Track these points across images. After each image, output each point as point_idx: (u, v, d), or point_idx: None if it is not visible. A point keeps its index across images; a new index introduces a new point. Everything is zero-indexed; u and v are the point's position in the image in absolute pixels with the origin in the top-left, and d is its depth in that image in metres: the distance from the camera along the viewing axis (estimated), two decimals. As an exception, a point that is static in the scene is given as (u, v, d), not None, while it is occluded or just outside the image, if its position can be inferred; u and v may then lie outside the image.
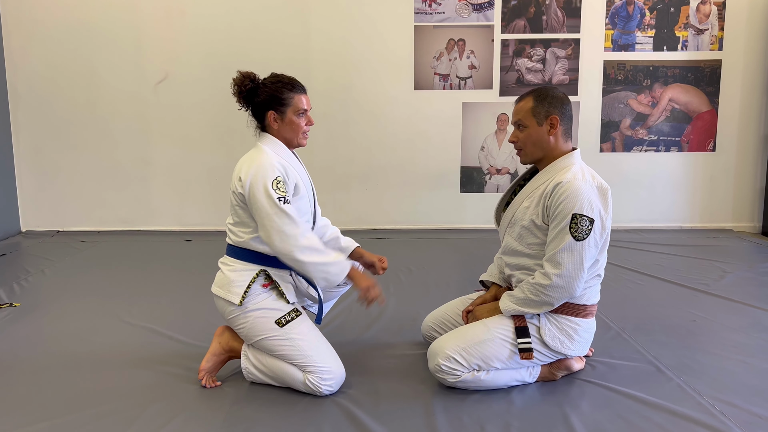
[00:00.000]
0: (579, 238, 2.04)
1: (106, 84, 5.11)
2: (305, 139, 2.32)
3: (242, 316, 2.20)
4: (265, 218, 2.13)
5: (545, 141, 2.17)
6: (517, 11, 5.08)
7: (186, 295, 3.44)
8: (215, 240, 4.89)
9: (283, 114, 2.25)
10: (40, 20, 5.01)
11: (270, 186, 2.13)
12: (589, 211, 2.05)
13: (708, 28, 5.12)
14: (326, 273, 2.16)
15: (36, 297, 3.41)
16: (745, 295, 3.36)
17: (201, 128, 5.19)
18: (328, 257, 2.17)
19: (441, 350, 2.16)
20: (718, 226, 5.34)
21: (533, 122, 2.17)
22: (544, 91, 2.19)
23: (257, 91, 2.27)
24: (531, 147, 2.20)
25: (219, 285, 2.27)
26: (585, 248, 2.06)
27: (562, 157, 2.18)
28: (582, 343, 2.23)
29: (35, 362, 2.51)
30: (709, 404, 2.10)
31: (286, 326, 2.18)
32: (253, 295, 2.21)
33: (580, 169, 2.14)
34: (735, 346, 2.64)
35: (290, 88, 2.27)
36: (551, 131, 2.16)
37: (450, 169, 5.25)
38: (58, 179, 5.23)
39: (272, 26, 5.05)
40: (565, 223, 2.05)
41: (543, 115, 2.16)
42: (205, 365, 2.29)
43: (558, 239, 2.07)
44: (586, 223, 2.04)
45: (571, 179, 2.08)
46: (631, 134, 5.24)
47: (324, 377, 2.15)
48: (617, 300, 3.29)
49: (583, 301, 2.19)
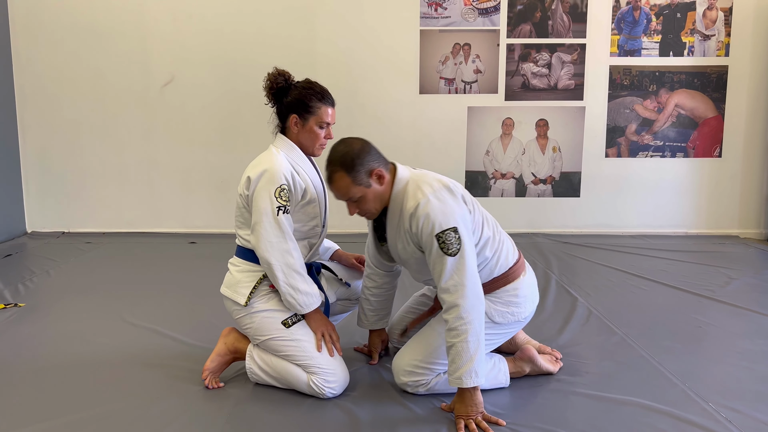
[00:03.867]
0: (453, 252, 1.96)
1: (112, 86, 5.13)
2: (321, 151, 2.31)
3: (248, 317, 2.21)
4: (259, 223, 2.15)
5: (383, 192, 2.08)
6: (522, 16, 5.08)
7: (190, 296, 3.44)
8: (220, 242, 4.89)
9: (305, 121, 2.26)
10: (48, 22, 5.04)
11: (273, 193, 2.14)
12: (446, 223, 1.97)
13: (714, 34, 5.10)
14: (294, 298, 2.15)
15: (40, 298, 3.42)
16: (750, 302, 3.34)
17: (206, 131, 5.21)
18: (302, 285, 2.16)
19: (400, 369, 2.17)
20: (724, 233, 5.32)
21: (362, 189, 2.04)
22: (347, 157, 2.02)
23: (287, 92, 2.28)
24: (374, 206, 2.10)
25: (227, 285, 2.29)
26: (464, 256, 1.97)
27: (395, 186, 2.09)
28: (528, 300, 2.24)
29: (39, 362, 2.51)
30: (714, 410, 2.09)
31: (292, 327, 2.19)
32: (259, 296, 2.22)
33: (415, 186, 2.06)
34: (740, 353, 2.62)
35: (319, 98, 2.25)
36: (381, 181, 2.07)
37: (455, 173, 5.25)
38: (64, 181, 5.25)
39: (278, 29, 5.07)
40: (435, 247, 1.97)
41: (365, 177, 2.04)
42: (209, 365, 2.28)
43: (438, 265, 1.98)
44: (451, 236, 1.96)
45: (414, 204, 2.01)
46: (636, 140, 5.23)
47: (328, 379, 2.15)
48: (622, 305, 3.28)
49: (505, 268, 2.20)
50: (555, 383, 2.30)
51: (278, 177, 2.16)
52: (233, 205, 5.31)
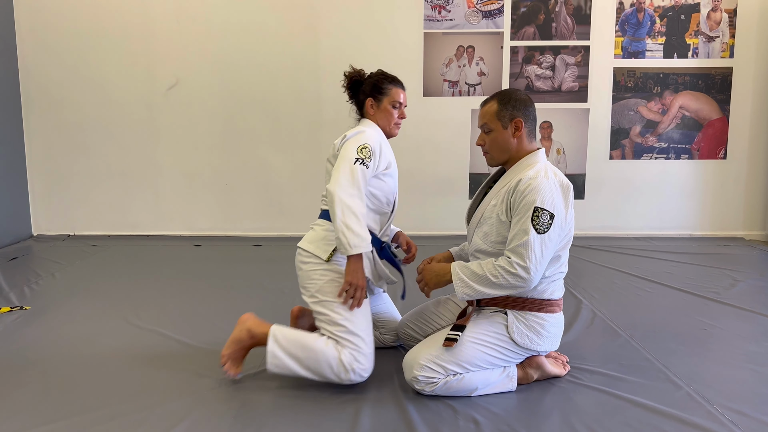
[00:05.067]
0: (540, 231, 2.07)
1: (117, 89, 5.16)
2: (397, 129, 2.53)
3: (321, 272, 2.30)
4: (337, 167, 2.27)
5: (510, 144, 2.23)
6: (526, 18, 5.08)
7: (194, 299, 3.45)
8: (224, 245, 4.91)
9: (380, 102, 2.47)
10: (53, 26, 5.07)
11: (357, 147, 2.29)
12: (550, 206, 2.08)
13: (719, 36, 5.10)
14: (344, 236, 2.20)
15: (46, 300, 3.43)
16: (756, 304, 3.33)
17: (211, 134, 5.22)
18: (356, 226, 2.21)
19: (415, 361, 2.17)
20: (729, 234, 5.30)
21: (498, 125, 2.22)
22: (508, 94, 2.24)
23: (362, 84, 2.51)
24: (497, 150, 2.26)
25: (309, 240, 2.39)
26: (546, 242, 2.08)
27: (527, 156, 2.23)
28: (550, 339, 2.25)
29: (44, 364, 2.52)
30: (719, 413, 2.08)
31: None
32: (338, 257, 2.32)
33: (543, 167, 2.18)
34: (745, 355, 2.61)
35: (390, 80, 2.49)
36: (516, 134, 2.22)
37: (459, 175, 5.25)
38: (70, 184, 5.28)
39: (282, 33, 5.08)
40: (527, 216, 2.08)
41: (507, 119, 2.22)
42: (226, 351, 2.29)
43: (521, 232, 2.08)
44: (546, 218, 2.07)
45: (534, 176, 2.13)
46: (641, 141, 5.23)
47: (358, 359, 2.19)
48: (627, 307, 3.27)
49: (547, 296, 2.22)
50: (560, 385, 2.30)
51: (367, 138, 2.34)
52: (237, 207, 5.38)
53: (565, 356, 2.48)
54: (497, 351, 2.19)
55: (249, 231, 5.31)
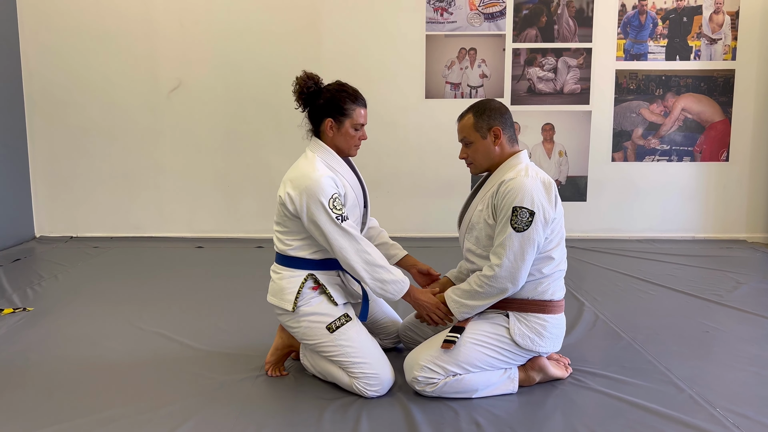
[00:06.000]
0: (519, 229, 2.09)
1: (120, 91, 5.17)
2: (356, 151, 2.34)
3: (295, 321, 2.27)
4: (328, 236, 2.16)
5: (492, 151, 2.27)
6: (528, 20, 5.09)
7: (197, 301, 3.46)
8: (226, 247, 4.91)
9: (340, 124, 2.26)
10: (56, 29, 5.08)
11: (328, 205, 2.15)
12: (529, 204, 2.10)
13: (721, 38, 5.09)
14: (384, 290, 2.21)
15: (49, 302, 3.44)
16: (758, 306, 3.32)
17: (213, 136, 5.23)
18: (388, 275, 2.21)
19: (415, 362, 2.19)
20: (732, 237, 5.29)
21: (477, 137, 2.26)
22: (482, 105, 2.28)
23: (319, 95, 2.28)
24: (480, 159, 2.30)
25: (272, 294, 2.34)
26: (527, 239, 2.10)
27: (509, 159, 2.26)
28: (552, 340, 2.25)
29: (47, 366, 2.53)
30: (721, 416, 2.08)
31: (336, 332, 2.23)
32: (305, 299, 2.26)
33: (524, 167, 2.21)
34: (748, 358, 2.61)
35: (353, 100, 2.27)
36: (496, 141, 2.25)
37: (461, 177, 5.25)
38: (72, 185, 5.29)
39: (285, 35, 5.09)
40: (507, 215, 2.11)
41: (485, 128, 2.25)
42: (270, 358, 2.43)
43: (501, 233, 2.13)
44: (525, 215, 2.09)
45: (514, 176, 2.16)
46: (643, 144, 5.22)
47: (370, 383, 2.20)
48: (629, 310, 3.27)
49: (548, 297, 2.22)
50: (562, 388, 2.30)
51: (328, 187, 2.17)
52: (240, 209, 5.38)
53: (567, 358, 2.49)
54: (497, 352, 2.20)
55: (251, 233, 5.31)
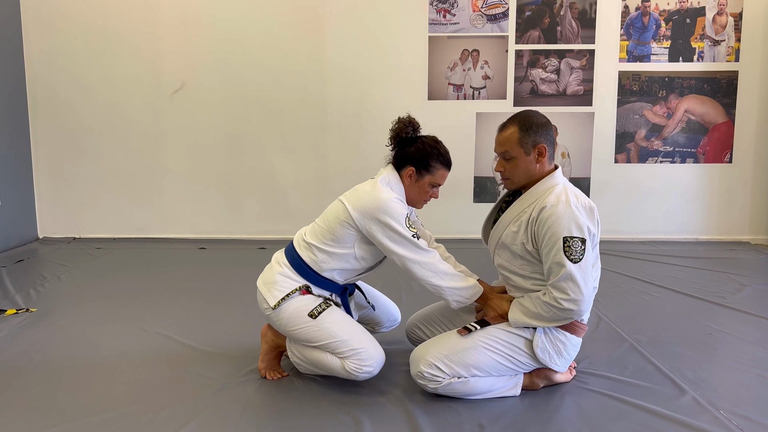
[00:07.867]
0: (575, 260, 2.03)
1: (123, 93, 5.18)
2: (423, 206, 2.38)
3: (276, 314, 2.26)
4: (404, 252, 2.18)
5: (533, 169, 2.16)
6: (531, 22, 5.09)
7: (199, 302, 3.46)
8: (229, 248, 4.92)
9: (421, 177, 2.29)
10: (60, 30, 5.10)
11: (404, 224, 2.18)
12: (578, 232, 2.04)
13: (724, 39, 5.09)
14: (460, 297, 2.23)
15: (52, 302, 3.44)
16: (762, 309, 3.31)
17: (216, 137, 5.24)
18: (462, 282, 2.24)
19: (423, 357, 2.17)
20: (735, 239, 5.28)
21: (521, 152, 2.14)
22: (528, 118, 2.15)
23: (412, 142, 2.31)
24: (519, 176, 2.18)
25: (263, 281, 2.33)
26: (584, 268, 2.05)
27: (545, 179, 2.16)
28: (567, 361, 2.24)
29: (50, 366, 2.53)
30: (725, 418, 2.07)
31: (318, 317, 2.22)
32: (290, 301, 2.25)
33: (563, 190, 2.11)
34: (752, 360, 2.60)
35: (442, 161, 2.30)
36: (540, 159, 2.14)
37: (463, 178, 5.25)
38: (75, 186, 5.30)
39: (288, 36, 5.10)
40: (558, 247, 2.03)
41: (530, 145, 2.13)
42: (261, 365, 2.42)
43: (556, 266, 2.05)
44: (578, 245, 2.04)
45: (555, 202, 2.07)
46: (646, 145, 5.22)
47: (362, 359, 2.19)
48: (632, 312, 3.26)
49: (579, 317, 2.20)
50: (565, 390, 2.30)
51: (401, 208, 2.21)
52: (242, 210, 5.38)
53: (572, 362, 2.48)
54: (508, 360, 2.17)
55: (254, 234, 5.32)
